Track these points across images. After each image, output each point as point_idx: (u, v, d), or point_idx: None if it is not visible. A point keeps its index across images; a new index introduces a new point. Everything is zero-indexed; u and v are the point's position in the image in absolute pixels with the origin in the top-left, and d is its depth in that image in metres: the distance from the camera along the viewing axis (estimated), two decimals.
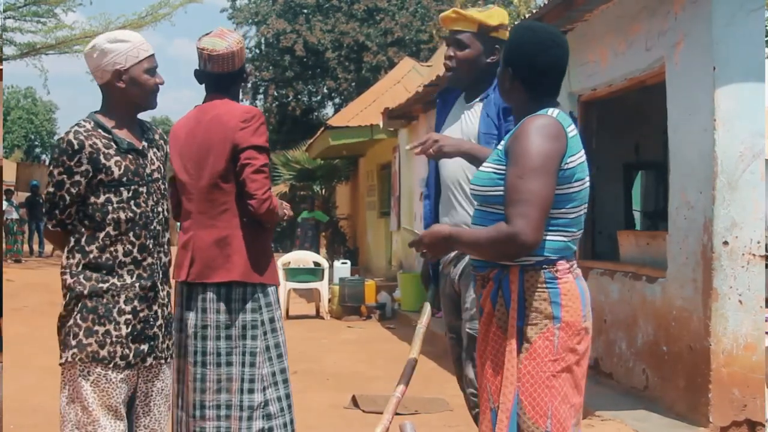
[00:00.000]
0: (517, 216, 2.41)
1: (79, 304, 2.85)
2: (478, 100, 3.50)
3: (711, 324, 5.02)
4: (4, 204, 19.45)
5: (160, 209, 3.00)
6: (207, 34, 3.53)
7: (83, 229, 2.89)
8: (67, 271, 2.89)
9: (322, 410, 5.89)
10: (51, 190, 2.88)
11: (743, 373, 4.98)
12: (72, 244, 2.90)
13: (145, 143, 3.00)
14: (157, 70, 2.98)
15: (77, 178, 2.85)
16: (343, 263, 12.66)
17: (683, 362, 5.31)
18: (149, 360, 2.93)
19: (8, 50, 19.76)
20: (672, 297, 5.48)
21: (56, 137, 55.37)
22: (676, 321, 5.40)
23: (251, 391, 3.40)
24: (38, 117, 53.65)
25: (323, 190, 20.82)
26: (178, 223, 3.68)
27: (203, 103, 3.56)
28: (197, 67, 3.52)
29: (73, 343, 2.84)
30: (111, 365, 2.83)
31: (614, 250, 6.98)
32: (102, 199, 2.86)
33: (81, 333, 2.84)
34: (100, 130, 2.90)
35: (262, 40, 27.77)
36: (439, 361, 7.59)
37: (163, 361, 3.01)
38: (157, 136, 3.10)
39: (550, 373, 2.48)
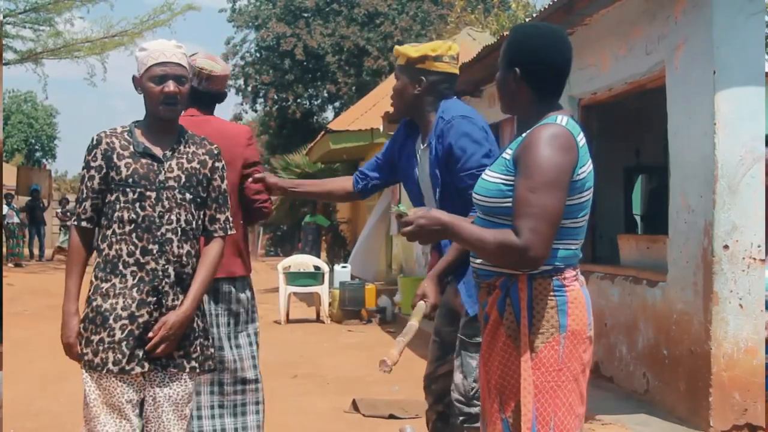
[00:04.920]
0: (529, 231, 2.35)
1: (85, 310, 2.93)
2: (424, 145, 3.52)
3: (711, 328, 5.02)
4: (5, 208, 19.46)
5: (173, 218, 2.95)
6: (194, 54, 3.73)
7: (99, 228, 3.00)
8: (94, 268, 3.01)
9: (323, 414, 5.89)
10: (79, 185, 3.06)
11: (744, 377, 4.98)
12: (93, 244, 3.01)
13: (169, 152, 2.98)
14: (173, 78, 2.93)
15: (92, 172, 2.97)
16: (343, 267, 12.66)
17: (684, 366, 5.31)
18: (147, 365, 2.90)
19: (8, 55, 19.77)
20: (672, 301, 5.48)
21: (56, 141, 55.35)
22: (677, 325, 5.40)
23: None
24: (38, 122, 53.60)
25: None
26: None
27: (191, 116, 3.70)
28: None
29: (79, 350, 2.95)
30: (104, 371, 2.87)
31: (615, 254, 6.98)
32: (113, 197, 2.95)
33: (83, 342, 2.92)
34: (125, 134, 3.01)
35: (262, 44, 27.79)
36: None
37: (174, 370, 2.96)
38: (200, 150, 3.05)
39: (554, 383, 2.44)
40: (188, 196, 2.99)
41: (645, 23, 5.85)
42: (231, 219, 3.15)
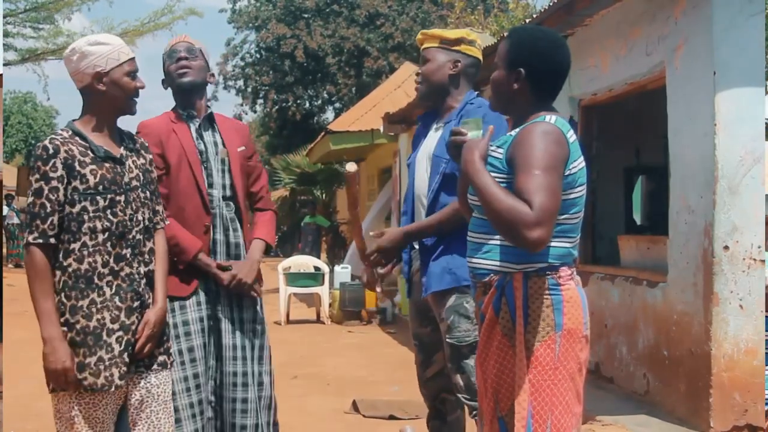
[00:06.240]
0: (542, 210, 2.31)
1: (69, 335, 2.77)
2: (444, 122, 3.56)
3: (712, 328, 5.02)
4: (5, 209, 19.46)
5: (140, 218, 2.92)
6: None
7: (59, 244, 2.79)
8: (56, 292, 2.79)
9: (323, 415, 5.88)
10: (30, 199, 2.77)
11: (744, 378, 4.98)
12: (53, 261, 2.79)
13: (123, 151, 2.94)
14: (137, 74, 2.96)
15: (54, 183, 2.76)
16: (343, 268, 12.65)
17: (684, 367, 5.30)
18: (140, 368, 2.90)
19: (9, 55, 19.80)
20: (673, 301, 5.48)
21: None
22: (677, 325, 5.40)
23: None
24: (37, 122, 53.56)
25: (324, 195, 20.84)
26: None
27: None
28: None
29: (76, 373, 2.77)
30: (112, 388, 2.79)
31: (615, 255, 6.98)
32: (77, 208, 2.79)
33: (74, 367, 2.76)
34: (77, 138, 2.85)
35: (262, 45, 27.79)
36: None
37: (158, 368, 2.96)
38: (138, 145, 3.05)
39: (550, 382, 2.45)
40: (147, 193, 3.00)
41: (645, 24, 5.85)
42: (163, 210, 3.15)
